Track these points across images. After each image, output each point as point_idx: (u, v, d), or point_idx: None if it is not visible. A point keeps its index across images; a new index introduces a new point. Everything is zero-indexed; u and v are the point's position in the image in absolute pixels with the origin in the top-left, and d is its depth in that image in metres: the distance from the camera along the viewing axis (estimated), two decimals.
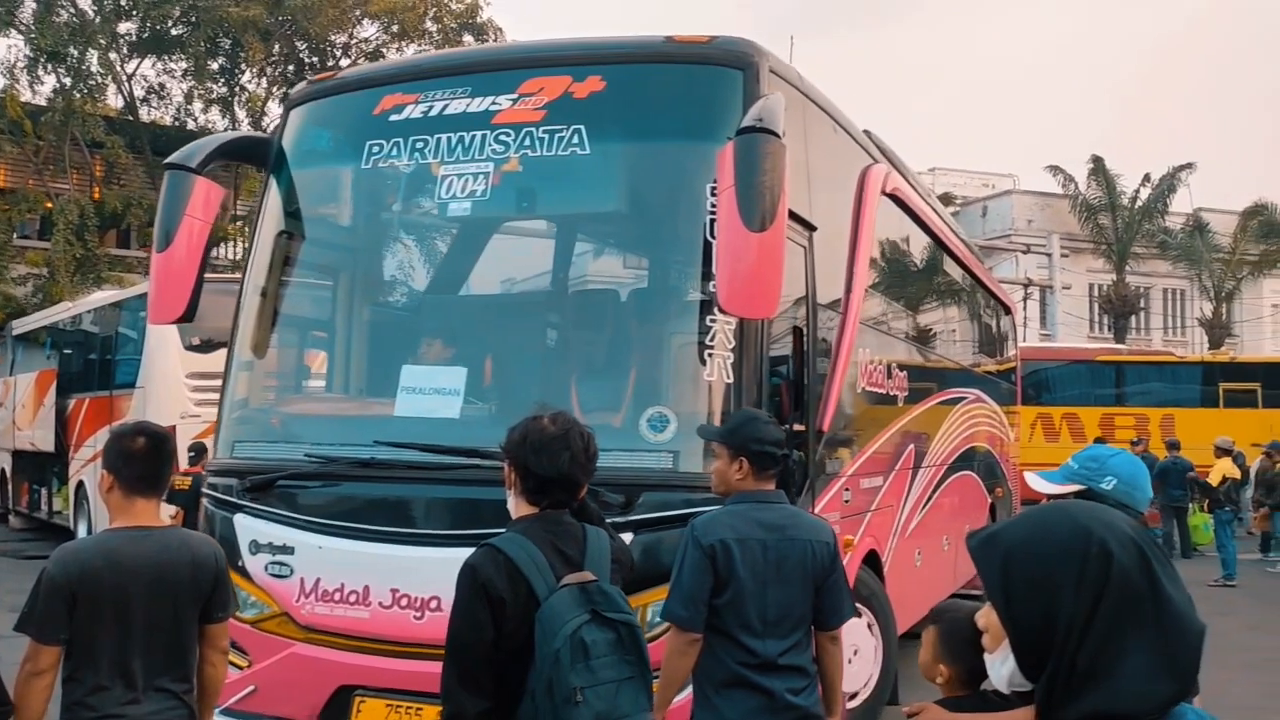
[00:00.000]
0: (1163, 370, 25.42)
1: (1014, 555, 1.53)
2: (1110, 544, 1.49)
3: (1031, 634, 1.50)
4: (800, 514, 3.75)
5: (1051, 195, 38.98)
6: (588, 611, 2.61)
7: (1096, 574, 1.47)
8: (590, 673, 2.56)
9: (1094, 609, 1.46)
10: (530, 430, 2.80)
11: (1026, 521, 1.59)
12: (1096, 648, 1.45)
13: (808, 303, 5.30)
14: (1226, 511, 16.22)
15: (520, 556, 2.66)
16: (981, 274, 12.41)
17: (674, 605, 3.47)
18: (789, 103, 5.08)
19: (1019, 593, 1.51)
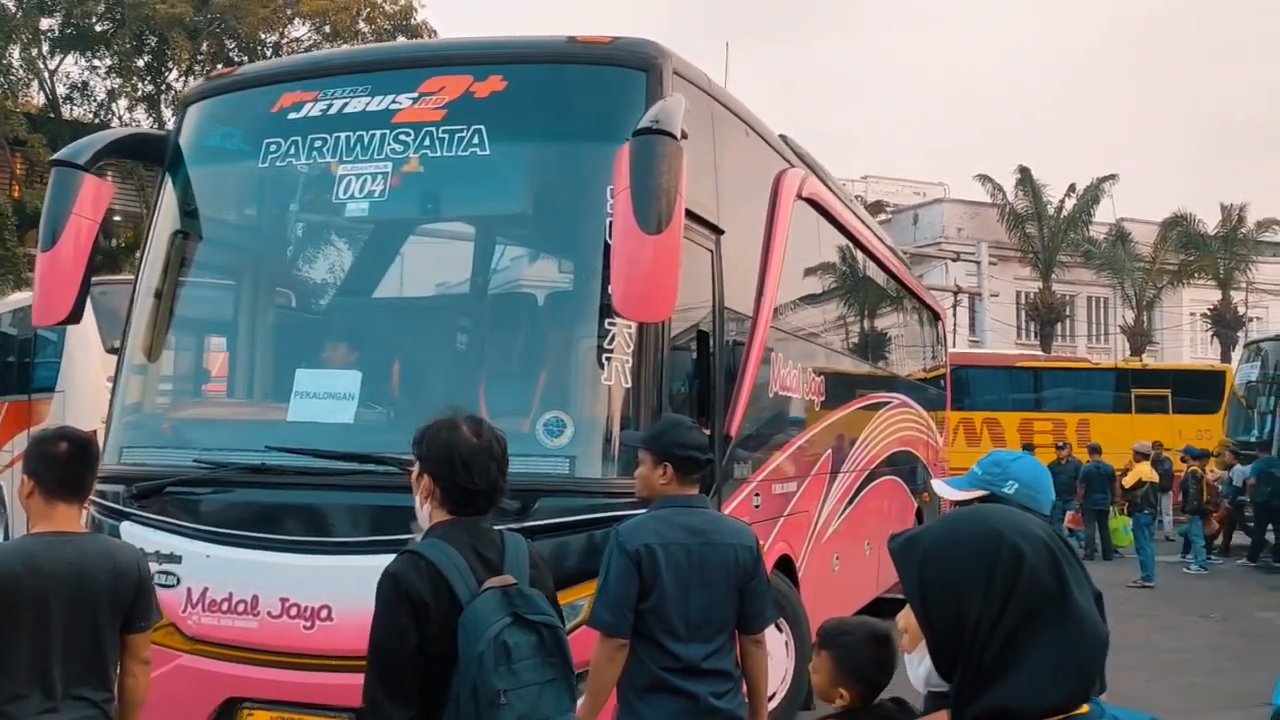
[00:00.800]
0: (1078, 376, 26.00)
1: (930, 557, 1.57)
2: (1022, 546, 1.52)
3: (946, 634, 1.53)
4: (723, 518, 3.75)
5: (981, 204, 39.63)
6: (509, 614, 2.62)
7: (1006, 575, 1.50)
8: (513, 675, 2.57)
9: (1003, 609, 1.49)
10: (455, 444, 2.75)
11: (943, 525, 1.63)
12: (1002, 647, 1.48)
13: (714, 306, 5.28)
14: (1145, 515, 16.55)
15: (442, 561, 2.64)
16: (908, 280, 12.51)
17: (600, 612, 3.48)
18: (695, 105, 5.06)
19: (935, 594, 1.54)
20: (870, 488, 9.37)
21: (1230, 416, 22.82)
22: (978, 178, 37.63)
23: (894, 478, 10.55)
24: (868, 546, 9.34)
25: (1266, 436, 19.65)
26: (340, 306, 5.44)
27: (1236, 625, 12.12)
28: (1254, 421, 21.06)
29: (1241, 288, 38.55)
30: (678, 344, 4.89)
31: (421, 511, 2.82)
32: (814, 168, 7.94)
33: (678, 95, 4.45)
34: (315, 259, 5.43)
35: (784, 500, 6.56)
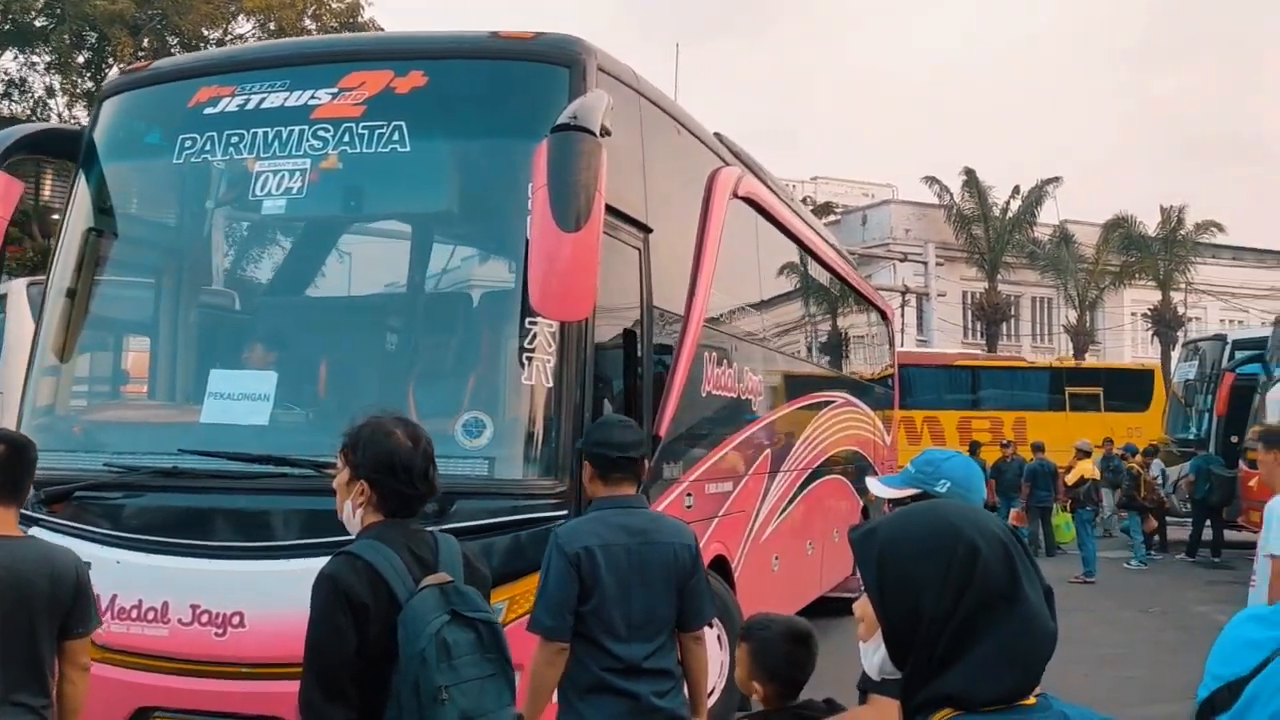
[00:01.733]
0: (1015, 375, 26.38)
1: (889, 550, 1.60)
2: (978, 542, 1.55)
3: (901, 624, 1.56)
4: (662, 518, 3.77)
5: (928, 205, 40.01)
6: (448, 612, 2.63)
7: (963, 570, 1.53)
8: (454, 671, 2.58)
9: (957, 602, 1.52)
10: (395, 451, 2.77)
11: (902, 518, 1.67)
12: (955, 638, 1.51)
13: (642, 305, 5.23)
14: (1086, 511, 16.76)
15: (380, 562, 2.65)
16: (854, 280, 12.53)
17: (540, 615, 3.48)
18: (622, 102, 5.01)
19: (892, 585, 1.57)
20: (813, 487, 9.37)
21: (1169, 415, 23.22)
22: (925, 179, 38.03)
23: (838, 477, 10.57)
24: (810, 546, 9.34)
25: (1204, 434, 19.99)
26: (257, 306, 5.33)
27: (1174, 619, 12.31)
28: (1192, 420, 21.42)
29: (1181, 288, 39.25)
30: (603, 343, 4.85)
31: (351, 516, 2.82)
32: (751, 166, 7.92)
33: (599, 91, 4.39)
34: (232, 257, 5.31)
35: (719, 500, 6.53)
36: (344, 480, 2.81)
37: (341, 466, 2.81)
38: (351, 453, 2.79)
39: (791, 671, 3.10)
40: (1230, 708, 2.21)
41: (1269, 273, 46.73)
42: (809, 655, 3.12)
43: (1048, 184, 36.80)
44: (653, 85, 5.74)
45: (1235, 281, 43.77)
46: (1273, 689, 2.15)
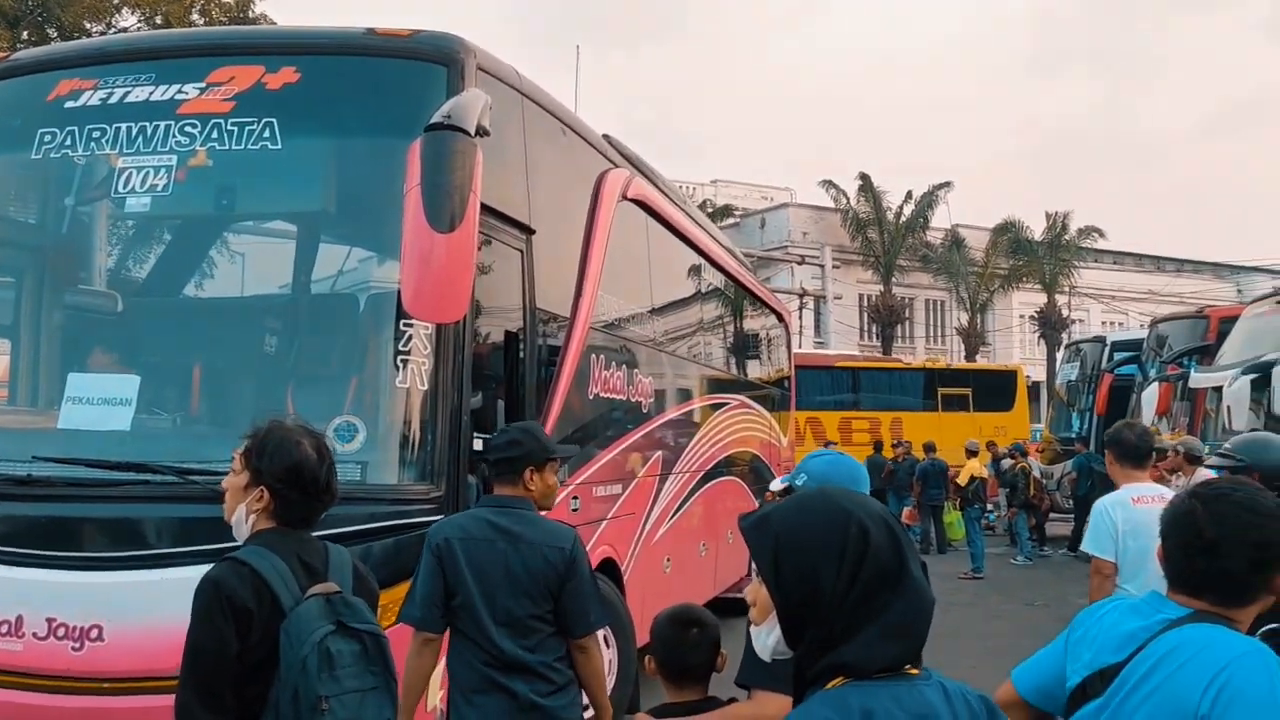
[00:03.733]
0: (891, 376, 27.02)
1: (784, 536, 1.65)
2: (867, 523, 1.63)
3: (797, 605, 1.62)
4: (541, 520, 3.73)
5: (825, 209, 40.66)
6: (333, 622, 2.62)
7: (856, 550, 1.60)
8: (336, 682, 2.57)
9: (852, 581, 1.59)
10: (303, 460, 2.76)
11: (795, 505, 1.72)
12: (851, 613, 1.59)
13: (525, 307, 5.18)
14: (975, 509, 17.17)
15: (265, 568, 2.63)
16: (749, 283, 12.60)
17: (409, 606, 3.59)
18: (504, 102, 4.95)
19: (788, 569, 1.63)
20: (707, 488, 9.40)
21: (1054, 414, 23.98)
22: (822, 184, 38.67)
23: (734, 478, 10.62)
24: (703, 548, 9.36)
25: (1085, 433, 20.65)
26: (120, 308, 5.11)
27: (1056, 612, 12.66)
28: (1074, 419, 22.13)
29: (1065, 291, 40.56)
30: (483, 345, 4.79)
31: (243, 521, 2.78)
32: (642, 169, 7.92)
33: (476, 90, 4.33)
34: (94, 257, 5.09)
35: (607, 503, 6.51)
36: (240, 484, 2.77)
37: (239, 470, 2.77)
38: (254, 458, 2.76)
39: (671, 654, 3.07)
40: (1101, 693, 2.28)
41: (1147, 276, 48.64)
42: (685, 637, 3.07)
43: (939, 189, 37.72)
44: (538, 86, 5.69)
45: (1116, 285, 45.42)
46: (1141, 675, 2.22)
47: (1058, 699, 2.44)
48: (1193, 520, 2.28)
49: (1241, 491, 2.33)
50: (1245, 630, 2.28)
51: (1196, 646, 2.17)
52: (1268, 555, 2.24)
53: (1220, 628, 2.22)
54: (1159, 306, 36.34)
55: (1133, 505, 5.01)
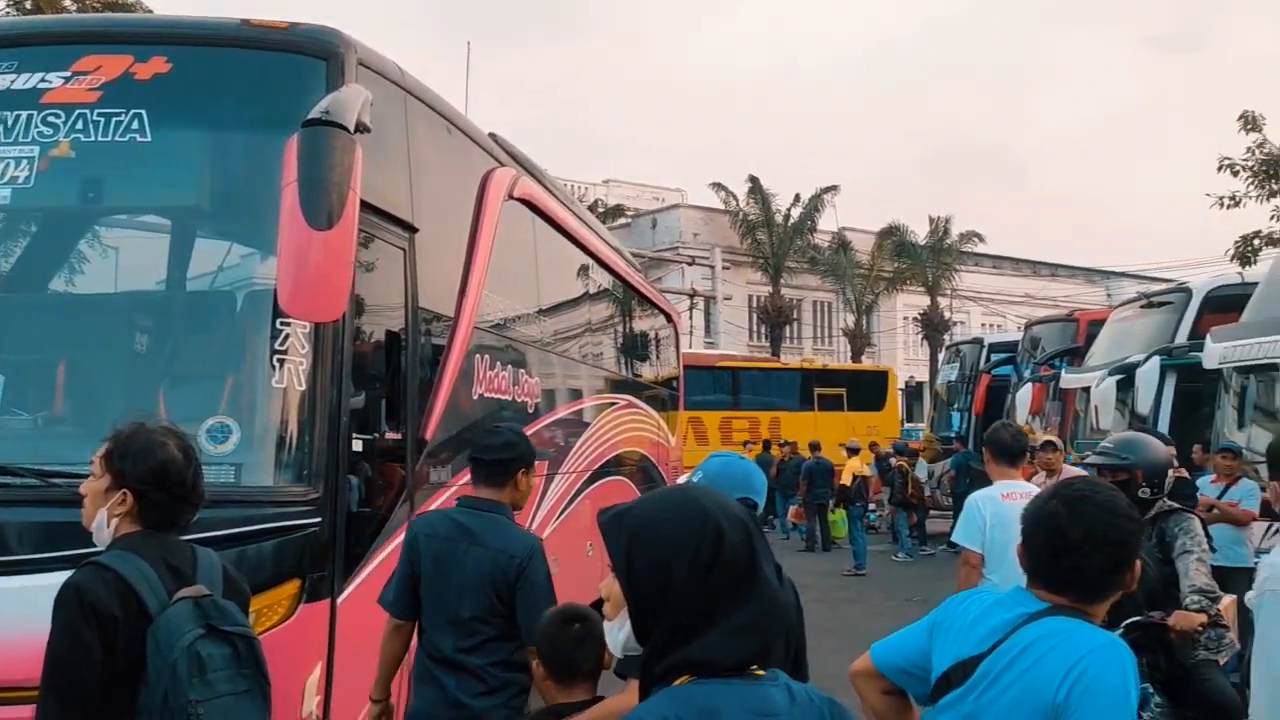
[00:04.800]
0: (770, 376, 27.53)
1: (639, 531, 1.66)
2: (723, 523, 1.65)
3: (648, 601, 1.64)
4: (504, 525, 3.81)
5: (715, 210, 41.08)
6: (203, 625, 2.59)
7: (710, 548, 1.62)
8: (207, 686, 2.54)
9: (705, 579, 1.61)
10: (168, 462, 2.73)
11: (652, 502, 1.75)
12: (701, 611, 1.61)
13: (407, 306, 5.12)
14: (857, 507, 17.55)
15: (130, 573, 2.60)
16: (638, 283, 12.62)
17: (385, 590, 3.90)
18: (386, 99, 4.88)
19: (642, 564, 1.64)
20: (593, 489, 9.40)
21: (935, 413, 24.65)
22: (712, 185, 39.05)
23: (621, 478, 10.62)
24: (590, 547, 9.36)
25: (964, 432, 21.27)
26: None
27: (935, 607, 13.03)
28: (954, 418, 22.78)
29: (947, 294, 41.73)
30: (364, 345, 4.71)
31: (105, 526, 2.72)
32: (529, 168, 7.89)
33: (356, 86, 4.25)
34: None
35: None
36: (100, 488, 2.72)
37: (100, 474, 2.72)
38: (115, 460, 2.71)
39: (557, 652, 3.05)
40: (964, 683, 2.36)
41: (1024, 280, 50.34)
42: (570, 634, 3.04)
43: (826, 192, 38.45)
44: (422, 83, 5.62)
45: (995, 288, 46.91)
46: (1002, 667, 2.31)
47: (910, 676, 2.53)
48: (1057, 521, 2.36)
49: (1101, 494, 2.43)
50: (1099, 623, 2.39)
51: (1055, 640, 2.26)
52: (1125, 554, 2.36)
53: (1078, 621, 2.31)
54: (1035, 309, 37.63)
55: (1001, 500, 5.23)
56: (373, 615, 4.66)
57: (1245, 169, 18.70)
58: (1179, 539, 4.46)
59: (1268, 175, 18.65)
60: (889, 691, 2.61)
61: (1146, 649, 4.23)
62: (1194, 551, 4.40)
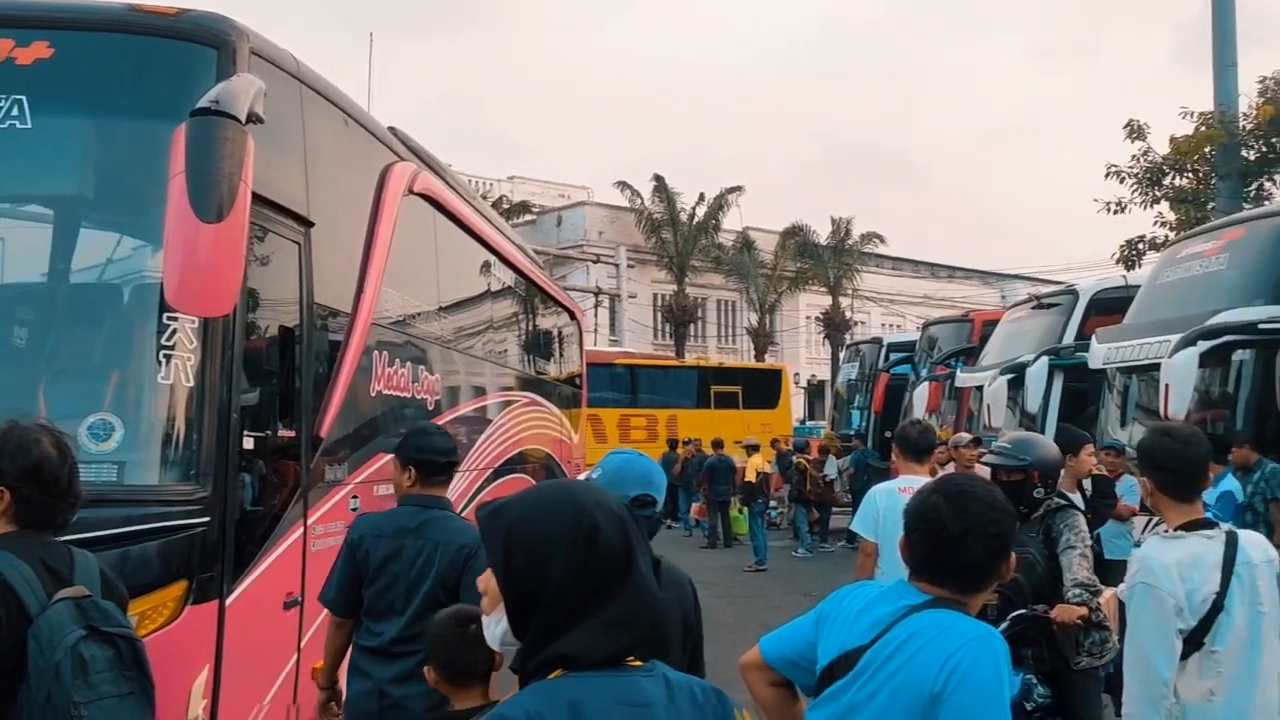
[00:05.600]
0: (667, 374, 27.74)
1: (516, 526, 1.67)
2: (599, 518, 1.67)
3: (525, 595, 1.65)
4: (450, 518, 4.10)
5: (621, 209, 41.14)
6: (84, 626, 2.57)
7: (586, 543, 1.64)
8: (90, 688, 2.52)
9: (580, 573, 1.63)
10: (44, 459, 2.70)
11: (529, 497, 1.75)
12: (576, 605, 1.63)
13: (302, 301, 5.03)
14: (758, 504, 17.76)
15: (9, 573, 2.55)
16: (541, 281, 12.59)
17: (324, 590, 4.18)
18: (280, 89, 4.79)
19: (518, 559, 1.66)
20: (494, 486, 9.35)
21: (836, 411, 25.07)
22: (617, 184, 39.09)
23: (523, 475, 10.59)
24: None
25: (863, 430, 21.68)
26: None
27: None
28: (854, 416, 23.20)
29: (848, 294, 42.43)
30: (256, 340, 4.62)
31: None
32: (430, 163, 7.81)
33: (248, 75, 4.16)
34: None
35: (390, 502, 6.34)
36: None
37: None
38: None
39: (452, 653, 3.01)
40: (847, 674, 2.42)
41: (923, 282, 51.49)
42: (464, 634, 2.98)
43: (730, 192, 38.77)
44: (318, 74, 5.52)
45: (895, 289, 47.88)
46: (884, 658, 2.36)
47: (797, 667, 2.59)
48: (938, 515, 2.43)
49: (980, 489, 2.52)
50: (975, 614, 2.47)
51: (934, 632, 2.33)
52: (1002, 546, 2.44)
53: (956, 614, 2.39)
54: (933, 310, 38.49)
55: (897, 494, 5.38)
56: (264, 616, 4.59)
57: (1130, 176, 19.38)
58: (1064, 535, 4.60)
59: (1151, 182, 19.36)
60: (776, 684, 2.66)
61: (1032, 641, 4.36)
62: (1077, 547, 4.54)
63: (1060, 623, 4.32)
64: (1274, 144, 18.78)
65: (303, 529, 4.94)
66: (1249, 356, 10.01)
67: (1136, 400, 11.52)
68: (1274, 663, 3.32)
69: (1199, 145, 18.63)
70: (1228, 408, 10.42)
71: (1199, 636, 3.27)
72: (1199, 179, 19.48)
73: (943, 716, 2.24)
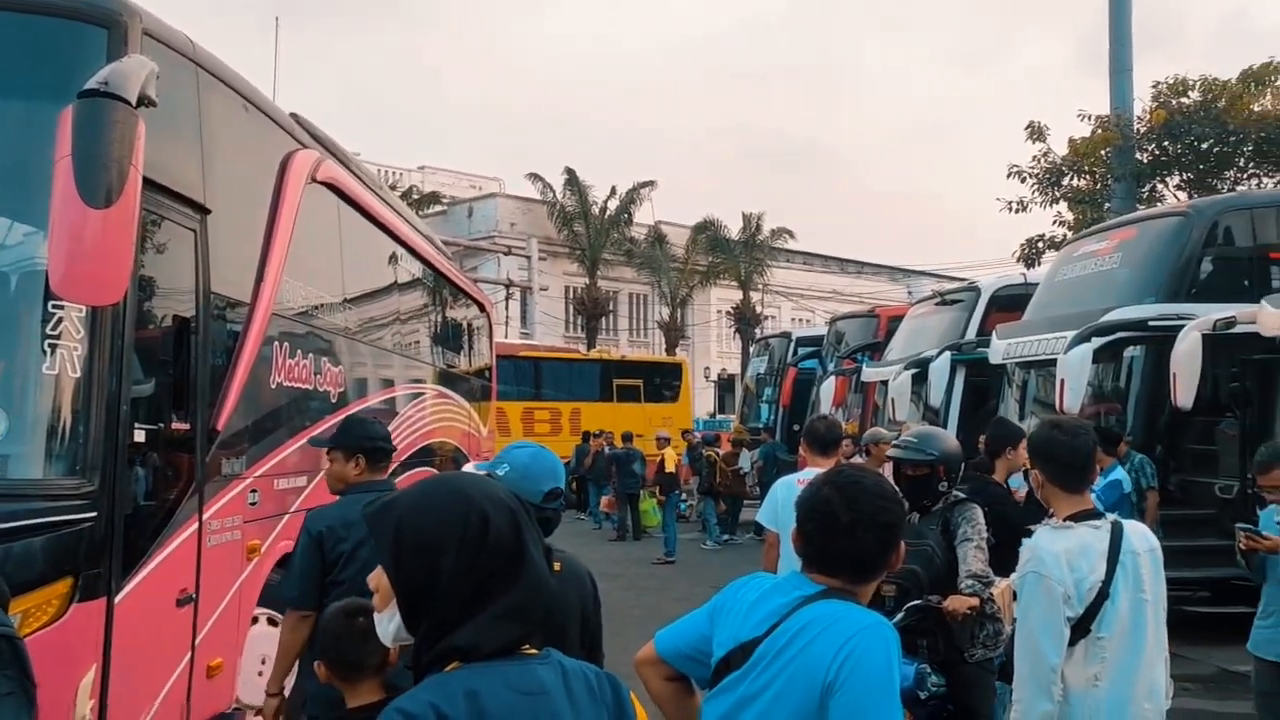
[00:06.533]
0: (571, 367, 27.68)
1: (405, 521, 1.67)
2: (489, 510, 1.67)
3: (417, 590, 1.65)
4: None
5: (533, 201, 40.89)
6: None
7: (476, 535, 1.64)
8: None
9: (472, 565, 1.63)
10: None
11: (419, 491, 1.74)
12: (468, 599, 1.63)
13: (198, 291, 4.90)
14: (673, 495, 17.84)
15: None
16: (449, 272, 12.46)
17: (288, 586, 4.20)
18: (174, 71, 4.66)
19: (409, 554, 1.65)
20: (401, 479, 9.22)
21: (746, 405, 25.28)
22: (529, 176, 38.81)
23: (430, 469, 10.49)
24: None
25: (771, 423, 21.89)
26: None
27: None
28: (763, 410, 23.41)
29: (759, 289, 42.81)
30: (148, 330, 4.48)
31: None
32: (334, 151, 7.68)
33: (139, 56, 4.03)
34: None
35: (291, 495, 6.27)
36: None
37: None
38: None
39: (343, 647, 2.95)
40: (743, 665, 2.43)
41: (832, 277, 52.20)
42: (354, 627, 2.93)
43: (643, 186, 38.77)
44: (216, 57, 5.38)
45: (805, 284, 48.43)
46: (779, 649, 2.38)
47: (693, 661, 2.59)
48: (830, 506, 2.46)
49: (870, 479, 2.55)
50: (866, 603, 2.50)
51: (827, 622, 2.35)
52: (892, 535, 2.48)
53: (848, 604, 2.42)
54: (842, 305, 39.04)
55: (796, 485, 5.43)
56: (156, 614, 4.47)
57: (1031, 176, 19.90)
58: (961, 527, 4.69)
59: (1050, 183, 19.90)
60: (671, 678, 2.66)
61: (927, 632, 4.44)
62: (973, 539, 4.63)
63: (951, 612, 4.40)
64: (1166, 147, 19.47)
65: (198, 524, 4.82)
66: (1140, 352, 10.37)
67: (1034, 395, 11.83)
68: (1156, 648, 3.42)
69: (1095, 147, 19.23)
70: (1120, 402, 10.78)
71: (1086, 623, 3.34)
72: (1096, 180, 20.10)
73: (835, 705, 2.26)
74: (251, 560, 5.54)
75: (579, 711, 1.73)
